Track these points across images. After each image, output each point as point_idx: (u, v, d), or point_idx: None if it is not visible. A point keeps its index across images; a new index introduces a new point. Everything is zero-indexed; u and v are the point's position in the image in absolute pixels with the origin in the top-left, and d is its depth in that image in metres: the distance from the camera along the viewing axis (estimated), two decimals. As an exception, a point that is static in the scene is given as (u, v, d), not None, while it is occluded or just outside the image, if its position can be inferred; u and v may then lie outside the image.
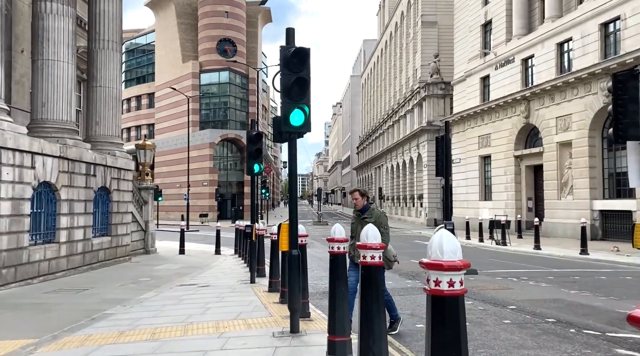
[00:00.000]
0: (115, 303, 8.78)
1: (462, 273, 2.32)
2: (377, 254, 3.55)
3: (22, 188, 10.82)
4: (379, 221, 5.96)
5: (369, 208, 6.24)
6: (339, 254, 4.70)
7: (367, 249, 3.55)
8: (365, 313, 3.72)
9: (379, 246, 3.56)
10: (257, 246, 11.46)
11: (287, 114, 5.66)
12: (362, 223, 5.74)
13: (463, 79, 36.16)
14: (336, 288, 4.67)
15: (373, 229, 3.62)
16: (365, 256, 3.57)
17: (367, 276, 3.60)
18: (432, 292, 2.30)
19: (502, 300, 8.58)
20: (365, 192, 6.29)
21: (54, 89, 12.78)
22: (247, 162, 10.79)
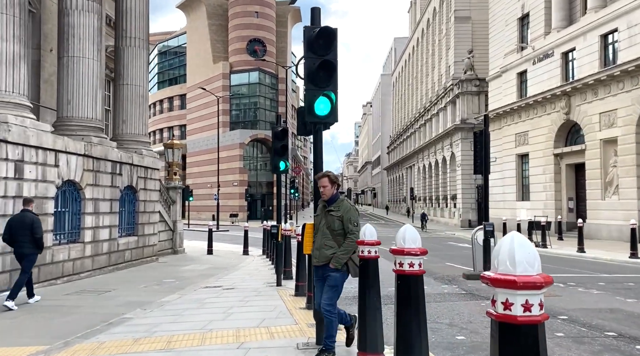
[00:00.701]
0: (135, 306, 8.40)
1: (542, 293, 1.69)
2: (417, 261, 2.94)
3: (45, 187, 10.61)
4: (347, 215, 4.78)
5: (338, 199, 4.96)
6: (369, 259, 4.11)
7: (404, 256, 2.94)
8: (402, 330, 3.11)
9: (420, 252, 2.94)
10: (283, 247, 10.94)
11: (311, 102, 5.10)
12: (327, 217, 4.84)
13: (499, 75, 34.87)
14: (367, 297, 4.07)
15: (411, 230, 3.00)
16: (402, 263, 2.96)
17: (405, 287, 2.99)
18: (500, 318, 1.68)
19: (551, 309, 7.78)
20: (335, 179, 4.98)
21: (79, 86, 12.60)
22: (272, 160, 10.30)
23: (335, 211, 4.82)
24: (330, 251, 4.75)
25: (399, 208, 74.25)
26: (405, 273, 2.89)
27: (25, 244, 8.29)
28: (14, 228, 8.36)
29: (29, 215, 8.44)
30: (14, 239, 8.34)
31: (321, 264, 4.84)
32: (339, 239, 4.77)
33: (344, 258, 4.68)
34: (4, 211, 9.44)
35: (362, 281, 4.12)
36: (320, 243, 4.85)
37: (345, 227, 4.75)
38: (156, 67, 75.53)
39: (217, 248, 20.70)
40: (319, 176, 4.98)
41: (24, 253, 8.33)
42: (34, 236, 8.30)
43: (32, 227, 8.28)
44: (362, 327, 4.06)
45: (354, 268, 4.70)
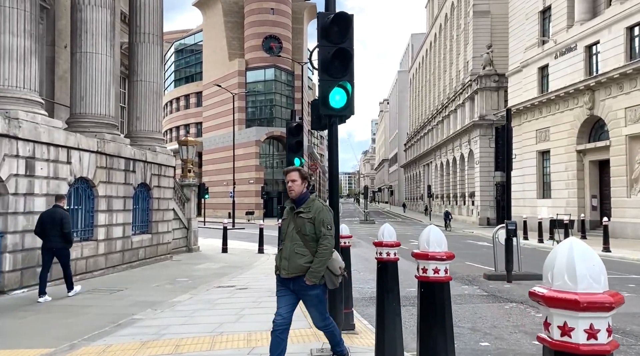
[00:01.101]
0: (146, 306, 8.20)
1: (610, 315, 1.34)
2: (442, 267, 2.61)
3: (57, 184, 10.49)
4: (319, 217, 4.06)
5: (307, 199, 4.20)
6: (388, 262, 3.77)
7: (428, 260, 2.61)
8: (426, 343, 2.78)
9: (446, 256, 2.61)
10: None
11: (325, 93, 4.78)
12: (296, 219, 4.12)
13: (519, 70, 34.09)
14: (386, 302, 3.75)
15: (436, 232, 2.67)
16: (426, 268, 2.63)
17: (429, 296, 2.66)
18: (557, 346, 1.34)
19: (580, 313, 7.35)
20: (306, 175, 4.27)
21: (92, 83, 12.46)
22: (287, 156, 10.01)
23: (306, 213, 4.11)
24: (303, 260, 4.01)
25: (416, 205, 73.54)
26: (429, 279, 2.56)
27: (54, 238, 8.67)
28: (44, 223, 8.71)
29: (59, 211, 8.79)
30: (44, 233, 8.70)
31: (292, 277, 4.06)
32: (311, 246, 4.05)
33: (321, 271, 3.99)
34: (14, 209, 9.32)
35: (380, 285, 3.80)
36: (290, 250, 4.07)
37: (317, 231, 4.06)
38: (173, 65, 75.92)
39: (232, 246, 20.52)
40: (288, 170, 4.29)
41: (55, 246, 8.71)
42: (62, 231, 8.66)
43: (62, 222, 8.65)
44: (381, 334, 3.74)
45: (331, 278, 4.06)
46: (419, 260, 2.64)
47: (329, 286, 4.10)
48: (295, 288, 4.10)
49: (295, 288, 4.10)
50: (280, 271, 4.19)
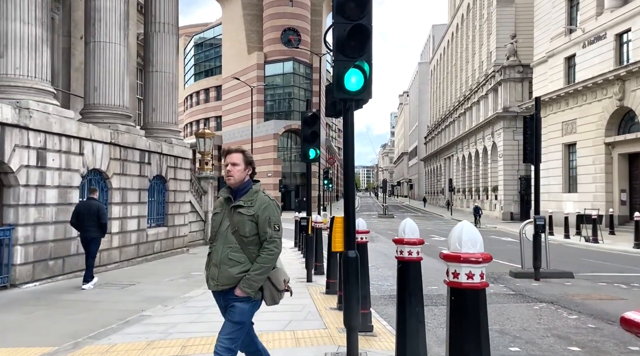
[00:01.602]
0: (157, 302, 7.93)
1: None
2: (477, 271, 2.19)
3: (69, 176, 10.30)
4: (264, 214, 3.22)
5: (249, 189, 3.34)
6: (410, 262, 3.36)
7: (460, 263, 2.19)
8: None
9: (482, 258, 2.18)
10: (314, 240, 10.28)
11: (340, 75, 4.34)
12: (232, 216, 3.24)
13: (544, 60, 33.01)
14: (407, 307, 3.34)
15: (469, 229, 2.24)
16: (458, 273, 2.21)
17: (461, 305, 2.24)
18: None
19: (617, 315, 6.81)
20: (251, 160, 3.44)
21: (105, 73, 12.24)
22: (302, 147, 9.61)
23: (247, 207, 3.23)
24: (238, 269, 3.15)
25: (436, 199, 72.56)
26: (462, 286, 2.14)
27: (91, 229, 9.06)
28: (81, 214, 9.07)
29: (94, 203, 9.25)
30: (81, 224, 9.06)
31: (223, 289, 3.23)
32: (250, 251, 3.21)
33: (260, 281, 3.15)
34: (25, 201, 9.14)
35: (402, 288, 3.38)
36: (222, 255, 3.20)
37: (260, 232, 3.21)
38: (192, 59, 76.15)
39: (249, 240, 20.27)
40: (229, 150, 3.42)
41: (90, 237, 9.10)
42: (99, 222, 9.08)
43: (98, 213, 9.09)
44: (402, 342, 3.34)
45: (272, 293, 3.26)
46: (449, 263, 2.22)
47: (267, 302, 3.31)
48: (226, 302, 3.29)
49: (225, 302, 3.30)
50: (208, 282, 3.31)
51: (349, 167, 4.72)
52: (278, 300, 3.38)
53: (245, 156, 3.40)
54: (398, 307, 3.44)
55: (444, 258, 2.19)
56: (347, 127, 4.69)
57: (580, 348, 5.27)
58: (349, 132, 4.70)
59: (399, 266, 3.46)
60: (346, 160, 4.73)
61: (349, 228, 4.62)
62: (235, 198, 3.34)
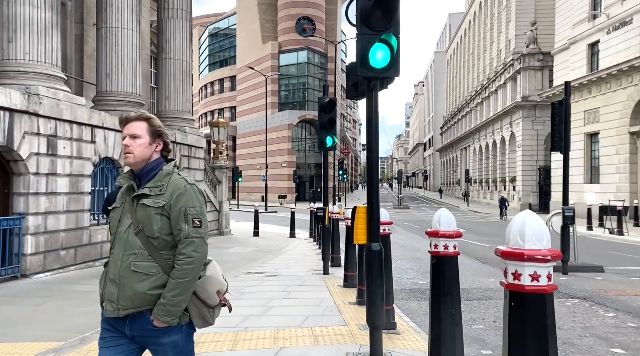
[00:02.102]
0: (169, 294, 7.68)
1: None
2: (544, 271, 1.81)
3: (81, 164, 10.07)
4: (179, 204, 2.27)
5: (159, 171, 2.39)
6: (446, 257, 2.98)
7: (524, 261, 1.81)
8: None
9: (550, 255, 1.79)
10: (331, 231, 9.93)
11: (365, 50, 3.96)
12: (135, 211, 2.33)
13: (566, 47, 32.05)
14: (442, 308, 2.97)
15: (533, 221, 1.84)
16: (520, 273, 1.83)
17: (523, 313, 1.86)
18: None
19: (656, 314, 6.38)
20: (160, 130, 2.46)
21: (118, 59, 11.97)
22: (319, 135, 9.23)
23: (154, 197, 2.28)
24: (147, 284, 2.21)
25: (452, 190, 71.74)
26: (525, 289, 1.75)
27: None
28: (111, 202, 8.59)
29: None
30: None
31: (127, 315, 2.24)
32: (165, 257, 2.26)
33: (180, 302, 2.21)
34: (36, 189, 8.93)
35: (436, 286, 3.01)
36: (122, 267, 2.25)
37: (174, 229, 2.27)
38: (207, 49, 75.91)
39: (263, 230, 20.04)
40: (126, 118, 2.47)
41: None
42: None
43: None
44: (436, 348, 2.97)
45: (202, 312, 2.33)
46: (509, 261, 1.83)
47: (197, 325, 2.38)
48: (136, 333, 2.27)
49: (135, 333, 2.27)
50: (104, 306, 2.33)
51: (372, 153, 4.35)
52: (211, 319, 2.39)
53: (150, 124, 2.40)
54: (432, 308, 3.08)
55: (502, 256, 1.81)
56: (372, 109, 4.30)
57: (624, 351, 4.86)
58: (373, 116, 4.32)
59: (433, 262, 3.08)
60: (370, 146, 4.36)
61: (372, 219, 4.26)
62: (139, 183, 2.38)
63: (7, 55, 9.17)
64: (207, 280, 2.34)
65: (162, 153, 2.45)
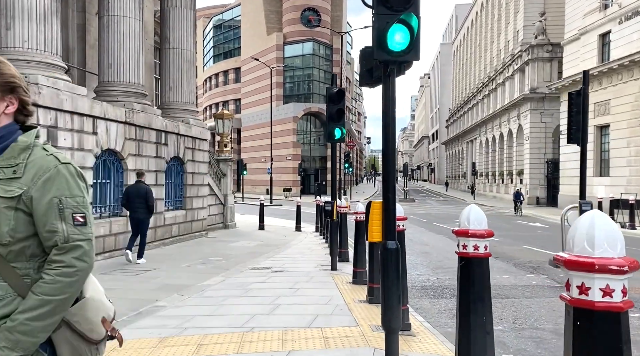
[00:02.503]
0: (172, 291, 7.42)
1: None
2: (619, 285, 1.49)
3: (82, 156, 9.81)
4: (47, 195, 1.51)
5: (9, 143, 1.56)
6: (476, 259, 2.68)
7: (594, 272, 1.48)
8: None
9: (628, 265, 1.48)
10: (338, 226, 9.64)
11: (382, 32, 3.64)
12: None
13: (576, 38, 31.47)
14: (471, 316, 2.68)
15: (604, 222, 1.52)
16: (589, 287, 1.49)
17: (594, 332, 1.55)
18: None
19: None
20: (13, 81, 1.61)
21: (120, 48, 11.67)
22: (327, 126, 8.91)
23: (5, 182, 1.51)
24: None
25: (457, 184, 71.28)
26: (594, 307, 1.43)
27: (139, 210, 9.83)
28: (130, 196, 9.86)
29: (142, 186, 9.98)
30: (130, 205, 9.85)
31: None
32: (13, 273, 1.51)
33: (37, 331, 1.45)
34: (36, 182, 8.67)
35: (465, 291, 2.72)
36: None
37: (42, 230, 1.52)
38: (211, 41, 75.44)
39: (269, 223, 19.80)
40: None
41: (139, 217, 9.88)
42: (147, 204, 9.84)
43: (146, 196, 9.86)
44: (463, 358, 2.68)
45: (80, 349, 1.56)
46: (573, 271, 1.52)
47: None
48: None
49: None
50: None
51: (388, 145, 4.04)
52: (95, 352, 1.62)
53: None
54: (460, 315, 2.79)
55: (566, 265, 1.50)
56: (388, 97, 3.99)
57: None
58: (389, 104, 4.00)
59: (462, 264, 2.79)
60: (385, 136, 4.05)
61: (388, 215, 3.96)
62: None
63: (5, 43, 8.89)
64: (86, 304, 1.58)
65: (18, 117, 1.65)
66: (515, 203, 29.50)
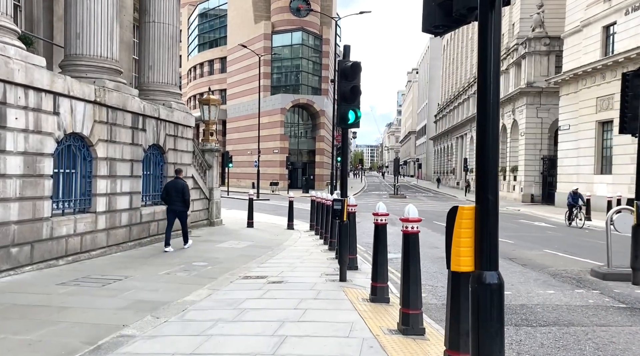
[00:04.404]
0: (146, 310, 5.84)
1: None
2: None
3: (39, 140, 8.11)
4: None
5: None
6: None
7: None
8: None
9: None
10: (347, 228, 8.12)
11: None
12: None
13: (578, 30, 30.32)
14: None
15: None
16: None
17: None
18: None
19: None
20: None
21: (90, 15, 9.93)
22: (339, 108, 7.38)
23: None
24: None
25: (446, 180, 70.33)
26: None
27: (177, 203, 10.91)
28: (169, 190, 10.91)
29: (180, 181, 11.11)
30: (169, 199, 10.88)
31: None
32: None
33: None
34: (-23, 171, 6.98)
35: None
36: None
37: None
38: (196, 29, 73.08)
39: (258, 220, 18.21)
40: None
41: (177, 209, 10.94)
42: (184, 197, 10.92)
43: (183, 190, 10.94)
44: None
45: None
46: None
47: None
48: None
49: None
50: None
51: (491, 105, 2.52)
52: None
53: None
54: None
55: None
56: (490, 36, 2.47)
57: None
58: (490, 47, 2.48)
59: None
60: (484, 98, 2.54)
61: (487, 232, 2.45)
62: None
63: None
64: None
65: None
66: (572, 210, 20.16)
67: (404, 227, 4.85)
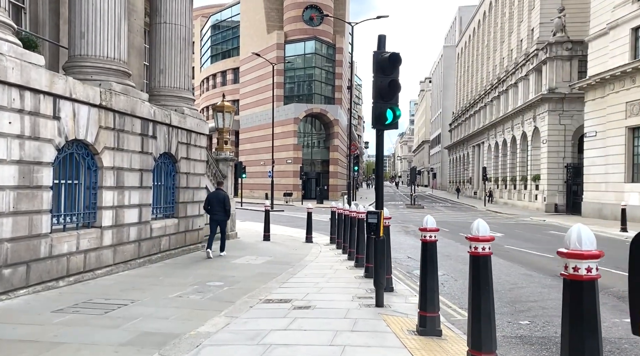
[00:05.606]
0: (152, 345, 4.89)
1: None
2: None
3: (37, 147, 7.26)
4: None
5: None
6: None
7: None
8: None
9: None
10: (384, 245, 7.12)
11: None
12: None
13: (604, 33, 29.14)
14: None
15: None
16: None
17: None
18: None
19: None
20: None
21: (96, 14, 9.16)
22: (374, 107, 6.44)
23: None
24: None
25: (462, 189, 68.84)
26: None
27: (219, 213, 11.69)
28: (212, 201, 11.70)
29: (221, 192, 11.90)
30: (212, 210, 11.66)
31: None
32: None
33: None
34: (-37, 181, 6.12)
35: None
36: None
37: None
38: (209, 40, 72.99)
39: (274, 232, 17.27)
40: None
41: (219, 219, 11.73)
42: (225, 208, 11.68)
43: (224, 201, 11.70)
44: None
45: None
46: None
47: None
48: None
49: None
50: None
51: None
52: None
53: None
54: None
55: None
56: None
57: None
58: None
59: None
60: None
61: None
62: None
63: None
64: None
65: None
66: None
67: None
